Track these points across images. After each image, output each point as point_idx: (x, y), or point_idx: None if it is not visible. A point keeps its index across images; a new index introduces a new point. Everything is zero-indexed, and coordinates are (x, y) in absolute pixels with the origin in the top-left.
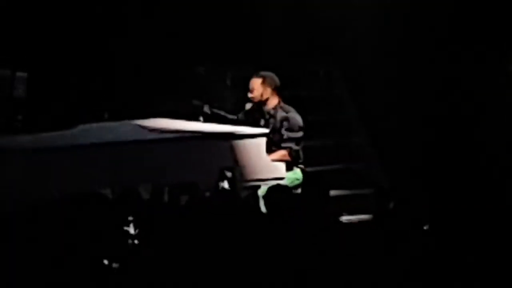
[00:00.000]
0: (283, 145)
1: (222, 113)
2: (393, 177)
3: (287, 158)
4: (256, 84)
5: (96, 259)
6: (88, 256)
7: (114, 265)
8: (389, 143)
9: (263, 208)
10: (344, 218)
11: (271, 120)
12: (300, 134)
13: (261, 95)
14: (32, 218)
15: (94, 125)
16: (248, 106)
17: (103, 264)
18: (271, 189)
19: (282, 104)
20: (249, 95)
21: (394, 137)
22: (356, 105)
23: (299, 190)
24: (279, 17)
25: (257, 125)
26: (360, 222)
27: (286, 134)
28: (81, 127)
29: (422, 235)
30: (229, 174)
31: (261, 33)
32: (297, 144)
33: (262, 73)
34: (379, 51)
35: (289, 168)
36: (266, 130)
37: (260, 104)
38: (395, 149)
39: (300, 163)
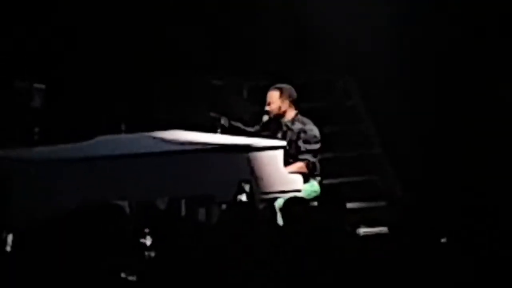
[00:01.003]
0: (300, 157)
1: (240, 125)
2: (409, 189)
3: (304, 170)
4: (273, 97)
5: (112, 271)
6: (104, 269)
7: (131, 277)
8: (405, 155)
9: (280, 221)
10: (361, 231)
11: (288, 132)
12: (317, 146)
13: (279, 108)
14: (48, 230)
15: (111, 137)
16: (266, 118)
17: (120, 276)
18: (288, 202)
19: (299, 116)
20: (267, 108)
21: (410, 149)
22: (372, 117)
23: (316, 203)
24: (295, 29)
25: (274, 137)
26: (377, 235)
27: (303, 146)
28: (98, 139)
29: (439, 248)
30: (246, 186)
31: (278, 45)
32: (314, 156)
33: (279, 85)
34: (394, 62)
35: (306, 180)
36: (283, 143)
37: (278, 116)
38: (411, 161)
39: (317, 175)
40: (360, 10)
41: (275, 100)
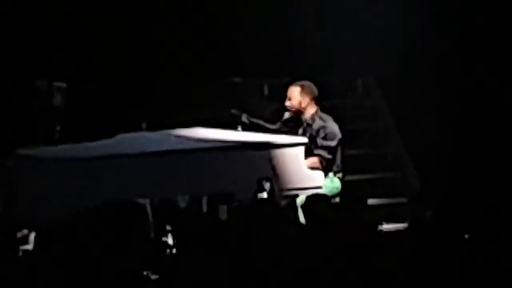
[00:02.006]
0: (315, 152)
1: (260, 122)
2: (430, 185)
3: (318, 165)
4: (294, 92)
5: (134, 269)
6: (126, 267)
7: (153, 276)
8: (426, 151)
9: (301, 218)
10: (382, 227)
11: (309, 129)
12: (333, 143)
13: (299, 104)
14: (70, 228)
15: (132, 135)
16: (287, 115)
17: (142, 275)
18: (309, 198)
19: (320, 113)
20: (287, 103)
21: (430, 145)
22: (391, 114)
23: (337, 199)
24: (315, 27)
25: (295, 134)
26: (398, 231)
27: (320, 142)
28: (119, 137)
29: (462, 245)
30: (267, 183)
31: (298, 43)
32: (329, 153)
33: (301, 82)
34: (414, 60)
35: (325, 176)
36: (304, 139)
37: (298, 113)
38: (431, 157)
39: (338, 172)
40: (379, 9)
41: (295, 95)
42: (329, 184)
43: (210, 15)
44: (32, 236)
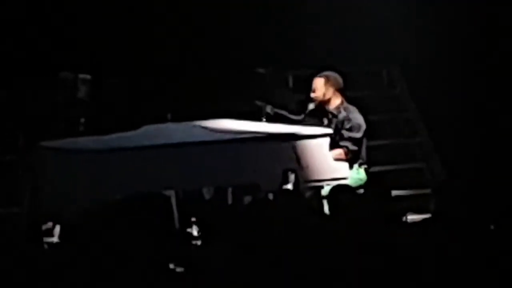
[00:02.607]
0: (340, 143)
1: (285, 113)
2: (455, 176)
3: (343, 157)
4: (319, 84)
5: (159, 261)
6: (151, 259)
7: (178, 268)
8: (452, 142)
9: (326, 209)
10: (408, 218)
11: (333, 120)
12: (359, 134)
13: (324, 95)
14: (95, 220)
15: (157, 126)
16: (311, 106)
17: (168, 267)
18: (334, 189)
19: (345, 104)
20: (312, 94)
21: (456, 136)
22: (417, 105)
23: (362, 190)
24: (339, 18)
25: (320, 125)
26: (423, 222)
27: (345, 133)
28: (144, 128)
29: (488, 235)
30: (292, 175)
31: (323, 33)
32: (354, 144)
33: (326, 73)
34: (439, 50)
35: (351, 168)
36: (329, 130)
37: (323, 104)
38: (456, 148)
39: (363, 163)
40: (405, 1)
41: (320, 87)
42: (354, 175)
43: (235, 6)
44: (57, 228)
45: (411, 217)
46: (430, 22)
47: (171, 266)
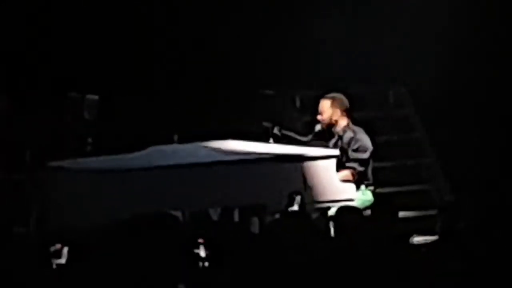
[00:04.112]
0: (347, 165)
1: (292, 134)
2: (462, 197)
3: (350, 178)
4: (325, 106)
5: (167, 282)
6: (158, 279)
7: None
8: (459, 162)
9: (332, 230)
10: (414, 240)
11: (340, 142)
12: (365, 155)
13: (330, 117)
14: (102, 241)
15: (164, 147)
16: (318, 127)
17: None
18: (340, 211)
19: (351, 125)
20: (319, 117)
21: (463, 156)
22: (423, 125)
23: (369, 212)
24: (345, 39)
25: (326, 146)
26: (430, 244)
27: (351, 154)
28: (151, 149)
29: (494, 256)
30: (298, 196)
31: (330, 55)
32: (361, 165)
33: (331, 95)
34: (446, 71)
35: (357, 189)
36: (335, 152)
37: (330, 125)
38: (464, 169)
39: (369, 184)
40: (412, 21)
41: (326, 109)
42: (361, 196)
43: (242, 28)
44: (65, 250)
45: (418, 239)
46: (437, 42)
47: (180, 287)
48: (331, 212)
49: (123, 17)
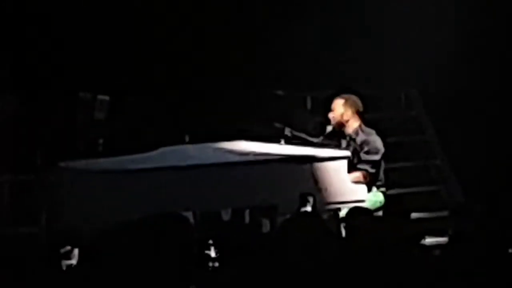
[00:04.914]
0: (358, 166)
1: (303, 135)
2: (473, 198)
3: (361, 180)
4: (338, 104)
5: (177, 283)
6: (168, 280)
7: None
8: (470, 163)
9: (343, 231)
10: (426, 241)
11: (352, 143)
12: (377, 157)
13: (341, 116)
14: (113, 242)
15: (175, 147)
16: (329, 128)
17: None
18: (351, 212)
19: (363, 127)
20: (330, 114)
21: (474, 157)
22: (434, 126)
23: (380, 213)
24: (357, 41)
25: (338, 147)
26: (441, 245)
27: (363, 156)
28: (162, 149)
29: (507, 259)
30: (310, 197)
31: (341, 56)
32: (372, 167)
33: (346, 95)
34: (456, 73)
35: (369, 190)
36: (347, 153)
37: (341, 126)
38: (474, 170)
39: (381, 186)
40: (423, 23)
41: (338, 107)
42: (372, 198)
43: (253, 28)
44: (76, 251)
45: (430, 240)
46: (448, 43)
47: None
48: (342, 213)
49: (134, 17)
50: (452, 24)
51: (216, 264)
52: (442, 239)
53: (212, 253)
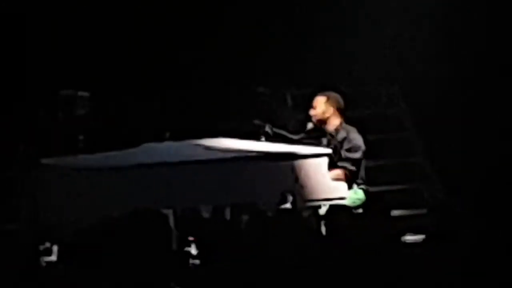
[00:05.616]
0: (339, 164)
1: (284, 132)
2: (453, 196)
3: (342, 177)
4: (319, 102)
5: (158, 280)
6: (149, 277)
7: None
8: (451, 161)
9: (323, 228)
10: (406, 238)
11: (333, 141)
12: (358, 155)
13: (323, 113)
14: (93, 238)
15: (156, 144)
16: (310, 125)
17: (166, 286)
18: (332, 209)
19: (344, 124)
20: (311, 112)
21: (455, 155)
22: (416, 125)
23: (360, 210)
24: (338, 38)
25: (318, 145)
26: (421, 242)
27: (344, 154)
28: (143, 146)
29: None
30: (290, 194)
31: (322, 53)
32: (353, 165)
33: (328, 92)
34: (437, 71)
35: (350, 188)
36: (328, 150)
37: (322, 123)
38: (456, 167)
39: (361, 183)
40: (404, 20)
41: (320, 104)
42: (353, 195)
43: (234, 25)
44: (55, 248)
45: (410, 238)
46: (429, 41)
47: (172, 286)
48: (323, 211)
49: (115, 14)
50: (433, 21)
51: (197, 261)
52: (422, 237)
53: (193, 250)
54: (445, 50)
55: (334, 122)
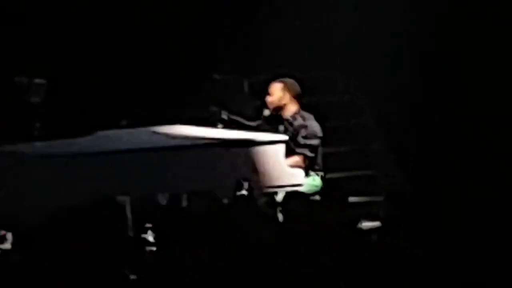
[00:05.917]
0: (297, 150)
1: (240, 119)
2: (409, 184)
3: (301, 164)
4: (276, 88)
5: (114, 268)
6: (105, 265)
7: (132, 276)
8: (407, 148)
9: (280, 215)
10: (362, 225)
11: (290, 128)
12: (316, 141)
13: (280, 100)
14: (48, 226)
15: (112, 132)
16: (266, 112)
17: (122, 273)
18: (289, 196)
19: (301, 111)
20: (267, 98)
21: (411, 142)
22: (372, 112)
23: (317, 197)
24: (295, 24)
25: (275, 131)
26: (376, 229)
27: (302, 140)
28: (98, 134)
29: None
30: (246, 181)
31: (279, 39)
32: (311, 151)
33: (284, 79)
34: (395, 57)
35: (307, 175)
36: (285, 137)
37: (278, 110)
38: (413, 154)
39: (318, 170)
40: (362, 7)
41: (276, 91)
42: (310, 182)
43: (190, 12)
44: (10, 235)
45: (365, 224)
46: (387, 28)
47: (126, 273)
48: (279, 197)
49: (70, 1)
50: (391, 8)
51: (154, 248)
52: (378, 224)
53: (150, 237)
54: (405, 38)
55: (291, 109)
